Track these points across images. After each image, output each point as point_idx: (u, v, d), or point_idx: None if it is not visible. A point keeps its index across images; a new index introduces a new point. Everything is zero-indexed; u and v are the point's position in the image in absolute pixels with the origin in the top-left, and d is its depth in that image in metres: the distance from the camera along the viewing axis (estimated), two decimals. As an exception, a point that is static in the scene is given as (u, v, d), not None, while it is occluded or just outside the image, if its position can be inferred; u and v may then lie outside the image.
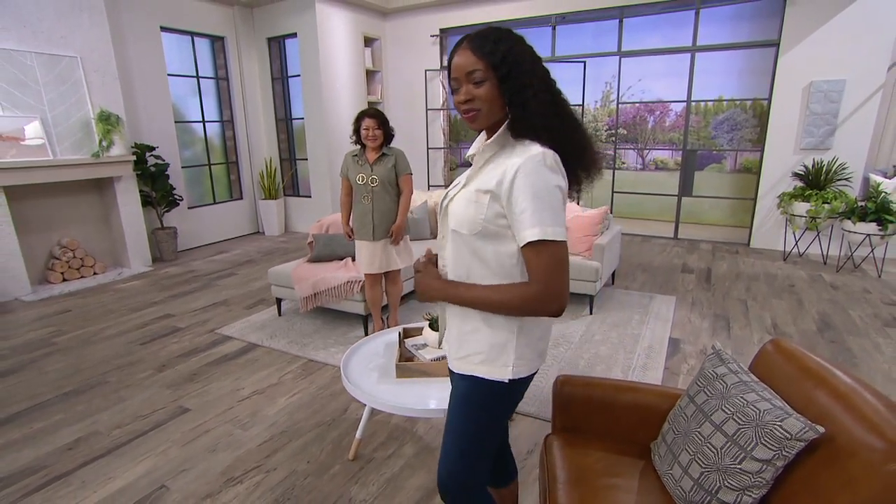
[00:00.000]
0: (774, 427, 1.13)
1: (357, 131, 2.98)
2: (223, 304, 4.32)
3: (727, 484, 1.19)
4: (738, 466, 1.18)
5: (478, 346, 1.19)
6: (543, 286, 1.05)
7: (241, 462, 2.21)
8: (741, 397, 1.26)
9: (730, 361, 1.42)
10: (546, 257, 1.05)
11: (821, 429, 1.09)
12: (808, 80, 5.23)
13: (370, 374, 2.15)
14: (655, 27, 6.27)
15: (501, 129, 1.12)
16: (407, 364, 2.07)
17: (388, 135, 3.01)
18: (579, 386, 1.68)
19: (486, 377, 1.19)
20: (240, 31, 6.76)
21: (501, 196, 1.08)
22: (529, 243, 1.04)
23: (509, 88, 1.06)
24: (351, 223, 3.20)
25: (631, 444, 1.60)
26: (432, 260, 1.27)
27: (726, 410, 1.26)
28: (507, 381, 1.18)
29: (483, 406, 1.23)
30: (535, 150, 1.05)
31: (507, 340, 1.17)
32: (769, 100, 5.57)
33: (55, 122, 4.68)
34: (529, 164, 1.04)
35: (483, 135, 1.21)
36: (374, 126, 2.92)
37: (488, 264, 1.14)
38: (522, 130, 1.09)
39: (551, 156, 1.06)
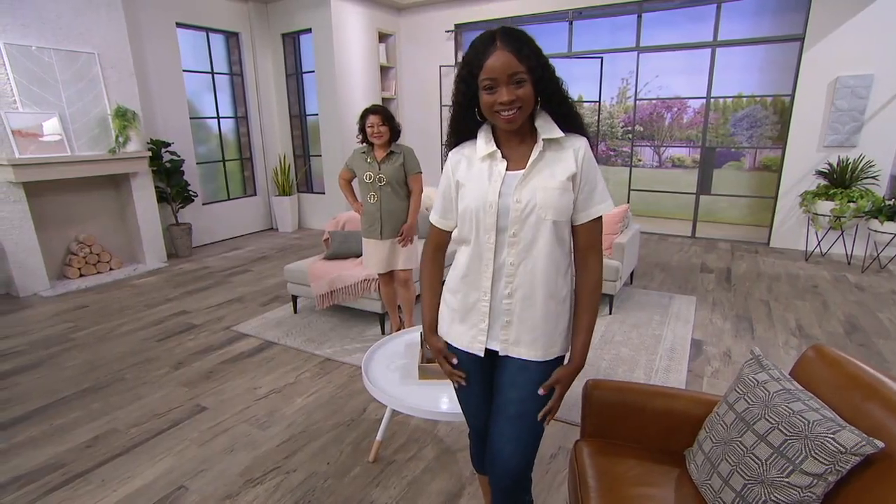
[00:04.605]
0: (826, 439, 1.08)
1: (363, 129, 2.89)
2: (238, 300, 4.31)
3: (773, 498, 1.14)
4: (786, 480, 1.12)
5: (562, 328, 1.32)
6: (601, 251, 1.28)
7: (260, 463, 2.19)
8: (786, 406, 1.20)
9: (771, 368, 1.36)
10: (601, 226, 1.27)
11: (880, 443, 1.03)
12: (835, 76, 5.09)
13: (392, 375, 2.11)
14: (674, 22, 6.14)
15: (549, 122, 1.22)
16: (430, 366, 2.03)
17: (394, 130, 2.90)
18: (610, 390, 1.63)
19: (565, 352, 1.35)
20: (254, 26, 6.75)
21: (578, 177, 1.21)
22: (599, 217, 1.24)
23: (547, 89, 1.17)
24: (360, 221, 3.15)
25: (663, 452, 1.55)
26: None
27: (770, 420, 1.21)
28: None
29: None
30: (577, 134, 1.24)
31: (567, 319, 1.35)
32: (792, 96, 5.43)
33: (73, 119, 4.70)
34: (586, 145, 1.23)
35: (488, 131, 1.25)
36: (379, 122, 2.82)
37: (564, 244, 1.25)
38: (573, 122, 1.23)
39: None
